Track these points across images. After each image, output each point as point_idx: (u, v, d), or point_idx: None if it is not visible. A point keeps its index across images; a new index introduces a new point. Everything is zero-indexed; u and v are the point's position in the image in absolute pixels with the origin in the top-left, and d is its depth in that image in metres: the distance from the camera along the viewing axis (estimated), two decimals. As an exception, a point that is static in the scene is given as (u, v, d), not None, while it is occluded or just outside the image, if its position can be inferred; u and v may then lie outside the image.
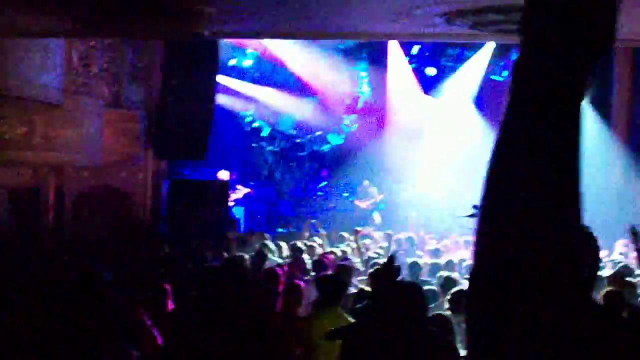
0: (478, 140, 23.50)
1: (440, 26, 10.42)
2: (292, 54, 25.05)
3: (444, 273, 11.13)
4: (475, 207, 13.54)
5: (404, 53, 25.50)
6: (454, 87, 25.28)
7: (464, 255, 14.81)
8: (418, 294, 5.85)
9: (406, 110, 25.23)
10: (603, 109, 20.76)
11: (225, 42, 21.90)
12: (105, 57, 18.09)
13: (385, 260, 12.48)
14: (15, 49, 12.91)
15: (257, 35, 15.01)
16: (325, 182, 25.78)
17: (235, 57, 25.23)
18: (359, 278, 11.60)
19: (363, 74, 26.47)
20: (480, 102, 25.09)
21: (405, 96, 25.42)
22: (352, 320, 7.29)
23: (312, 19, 11.08)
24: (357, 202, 24.28)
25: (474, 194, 2.54)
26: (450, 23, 10.04)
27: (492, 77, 25.26)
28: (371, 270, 10.92)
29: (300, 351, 7.31)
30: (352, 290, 9.78)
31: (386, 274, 7.05)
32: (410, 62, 25.90)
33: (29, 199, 16.29)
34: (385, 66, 25.80)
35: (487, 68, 25.01)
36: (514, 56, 16.08)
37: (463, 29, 10.35)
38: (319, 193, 25.48)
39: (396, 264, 8.15)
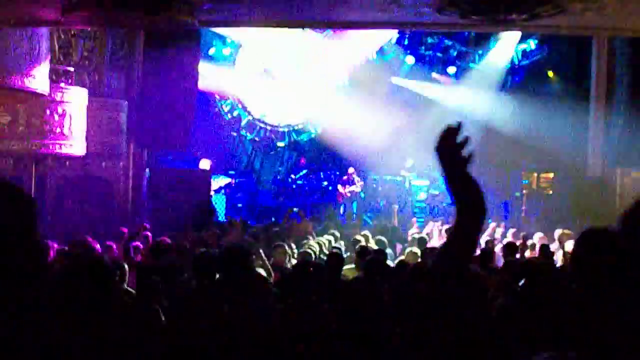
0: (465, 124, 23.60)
1: (429, 15, 10.50)
2: (273, 42, 25.12)
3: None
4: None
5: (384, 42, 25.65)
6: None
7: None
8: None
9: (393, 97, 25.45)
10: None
11: (206, 31, 21.83)
12: (86, 46, 18.00)
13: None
14: (1, 37, 12.82)
15: (245, 24, 14.98)
16: (305, 171, 25.79)
17: (215, 46, 25.18)
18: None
19: (343, 62, 26.45)
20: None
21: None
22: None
23: (303, 8, 11.11)
24: (339, 188, 24.36)
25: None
26: (439, 12, 10.12)
27: (471, 65, 25.43)
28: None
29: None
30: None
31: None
32: (388, 52, 26.03)
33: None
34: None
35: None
36: (492, 45, 16.13)
37: (452, 18, 10.43)
38: (299, 182, 25.48)
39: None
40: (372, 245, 14.54)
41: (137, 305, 7.69)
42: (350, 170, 24.38)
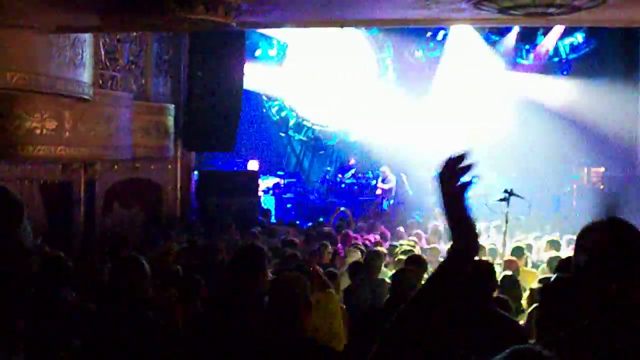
0: (507, 124, 23.45)
1: (467, 11, 10.42)
2: (319, 42, 25.13)
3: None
4: (506, 191, 13.59)
5: (431, 39, 25.58)
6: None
7: (494, 240, 14.81)
8: (492, 274, 5.80)
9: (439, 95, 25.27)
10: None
11: (252, 32, 21.92)
12: (132, 51, 18.14)
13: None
14: (44, 44, 12.98)
15: (285, 24, 14.99)
16: (354, 170, 25.73)
17: (261, 47, 25.27)
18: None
19: (388, 61, 26.37)
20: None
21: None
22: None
23: (340, 7, 11.09)
24: (379, 186, 24.42)
25: (504, 178, 2.65)
26: (477, 7, 10.04)
27: (519, 60, 25.17)
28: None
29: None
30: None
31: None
32: (434, 49, 25.89)
33: (61, 193, 16.40)
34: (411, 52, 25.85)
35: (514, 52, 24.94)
36: (539, 39, 15.97)
37: (491, 13, 10.33)
38: (347, 181, 25.42)
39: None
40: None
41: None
42: (383, 168, 24.38)
